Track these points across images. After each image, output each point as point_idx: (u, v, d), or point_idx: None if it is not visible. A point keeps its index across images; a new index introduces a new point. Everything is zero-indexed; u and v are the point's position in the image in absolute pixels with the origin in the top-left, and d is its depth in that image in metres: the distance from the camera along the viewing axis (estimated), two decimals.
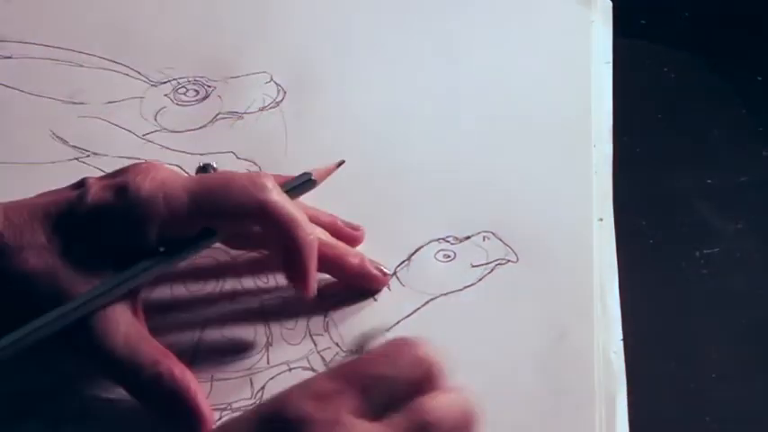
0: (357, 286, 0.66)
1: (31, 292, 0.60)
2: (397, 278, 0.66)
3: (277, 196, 0.61)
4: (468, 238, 0.68)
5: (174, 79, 0.78)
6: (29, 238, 0.60)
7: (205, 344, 0.64)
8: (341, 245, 0.66)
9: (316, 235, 0.62)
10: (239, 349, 0.64)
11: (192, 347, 0.64)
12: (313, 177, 0.66)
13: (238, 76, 0.78)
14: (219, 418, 0.61)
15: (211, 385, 0.62)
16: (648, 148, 0.77)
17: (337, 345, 0.63)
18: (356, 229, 0.68)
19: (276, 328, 0.64)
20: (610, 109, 0.75)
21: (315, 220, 0.65)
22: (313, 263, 0.62)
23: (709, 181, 0.76)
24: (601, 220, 0.69)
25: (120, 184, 0.61)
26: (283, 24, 0.80)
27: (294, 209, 0.62)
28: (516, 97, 0.76)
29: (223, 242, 0.65)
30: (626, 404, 0.62)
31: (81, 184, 0.63)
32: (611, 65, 0.78)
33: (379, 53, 0.74)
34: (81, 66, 0.76)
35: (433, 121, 0.74)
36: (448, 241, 0.67)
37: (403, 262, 0.67)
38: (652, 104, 0.80)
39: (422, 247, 0.68)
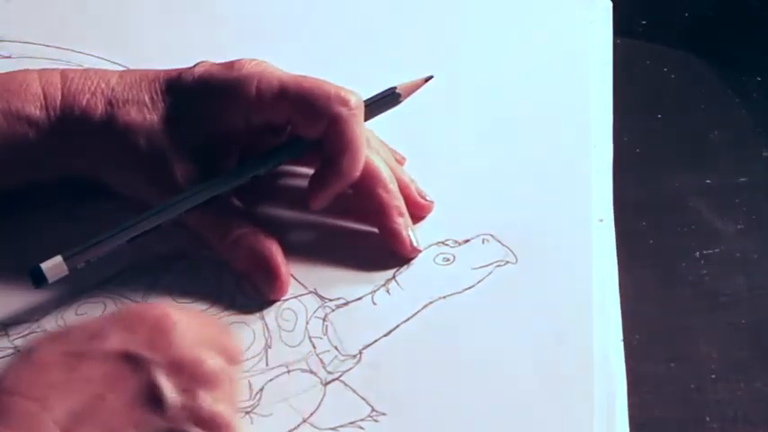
0: (387, 243, 0.66)
1: (129, 142, 0.65)
2: (397, 282, 0.66)
3: (352, 117, 0.64)
4: (467, 241, 0.68)
5: None
6: (135, 93, 0.66)
7: None
8: (400, 199, 0.66)
9: (376, 171, 0.65)
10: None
11: None
12: (398, 91, 0.67)
13: None
14: None
15: None
16: (648, 148, 0.77)
17: (336, 348, 0.63)
18: (425, 198, 0.68)
19: (275, 331, 0.64)
20: (610, 109, 0.75)
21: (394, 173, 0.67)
22: (338, 188, 0.65)
23: (708, 181, 0.76)
24: (601, 220, 0.69)
25: (229, 63, 0.66)
26: (283, 27, 0.80)
27: (362, 136, 0.64)
28: (516, 98, 0.76)
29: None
30: (626, 404, 0.62)
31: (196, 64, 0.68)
32: (611, 65, 0.78)
33: (378, 54, 0.74)
34: (80, 66, 0.76)
35: (432, 122, 0.73)
36: (447, 245, 0.67)
37: (403, 266, 0.67)
38: (652, 104, 0.80)
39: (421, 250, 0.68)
